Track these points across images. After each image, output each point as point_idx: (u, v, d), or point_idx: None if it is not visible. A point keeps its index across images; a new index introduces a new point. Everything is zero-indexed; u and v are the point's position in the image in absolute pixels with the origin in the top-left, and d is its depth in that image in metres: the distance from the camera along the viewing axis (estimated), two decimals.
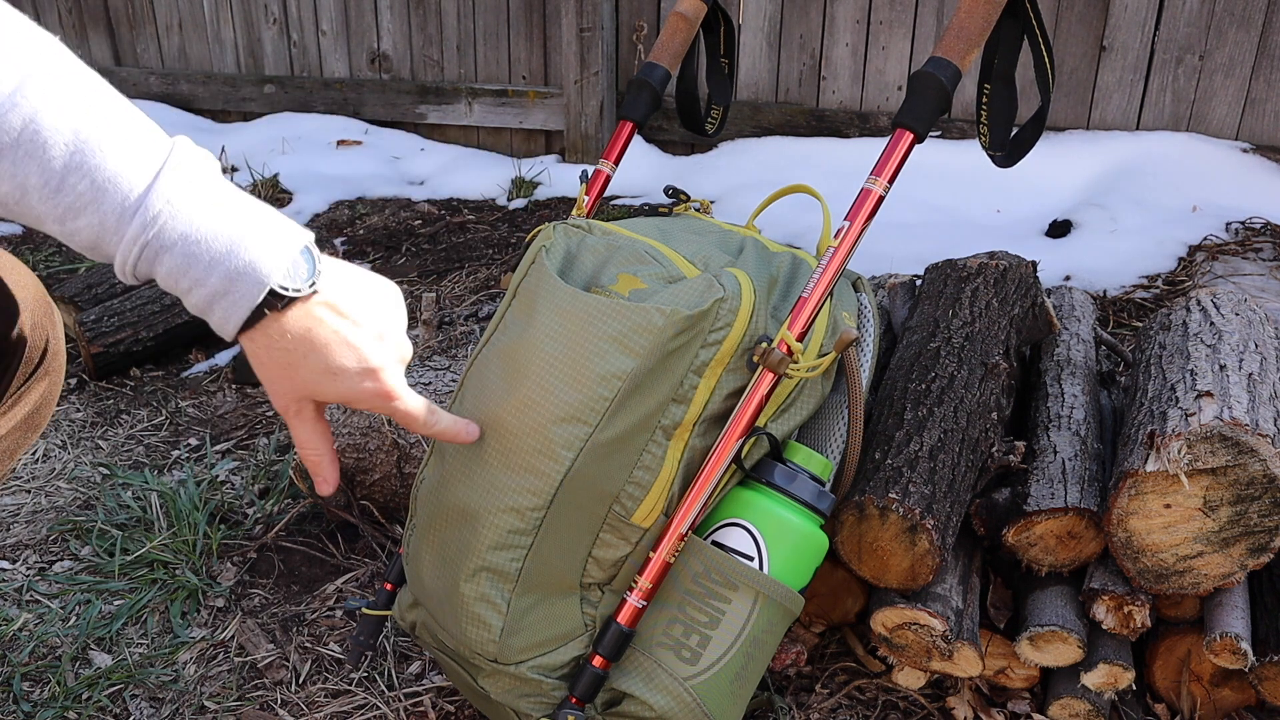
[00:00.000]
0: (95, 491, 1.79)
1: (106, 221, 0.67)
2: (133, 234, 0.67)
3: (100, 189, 0.66)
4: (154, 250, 0.68)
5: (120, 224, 0.67)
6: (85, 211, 0.66)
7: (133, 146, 0.67)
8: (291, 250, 0.71)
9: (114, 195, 0.66)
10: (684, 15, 1.31)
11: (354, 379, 0.76)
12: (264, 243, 0.70)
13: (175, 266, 0.69)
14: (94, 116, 0.66)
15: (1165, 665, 1.24)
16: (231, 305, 0.70)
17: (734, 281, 0.99)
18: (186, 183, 0.68)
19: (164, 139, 0.69)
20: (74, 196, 0.66)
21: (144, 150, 0.67)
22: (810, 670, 1.35)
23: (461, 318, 1.77)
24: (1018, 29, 1.09)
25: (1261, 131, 2.69)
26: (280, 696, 1.34)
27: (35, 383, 0.97)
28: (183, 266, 0.69)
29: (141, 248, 0.68)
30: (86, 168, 0.65)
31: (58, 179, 0.65)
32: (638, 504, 0.99)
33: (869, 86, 3.07)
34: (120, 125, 0.67)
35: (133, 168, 0.67)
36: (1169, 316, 1.39)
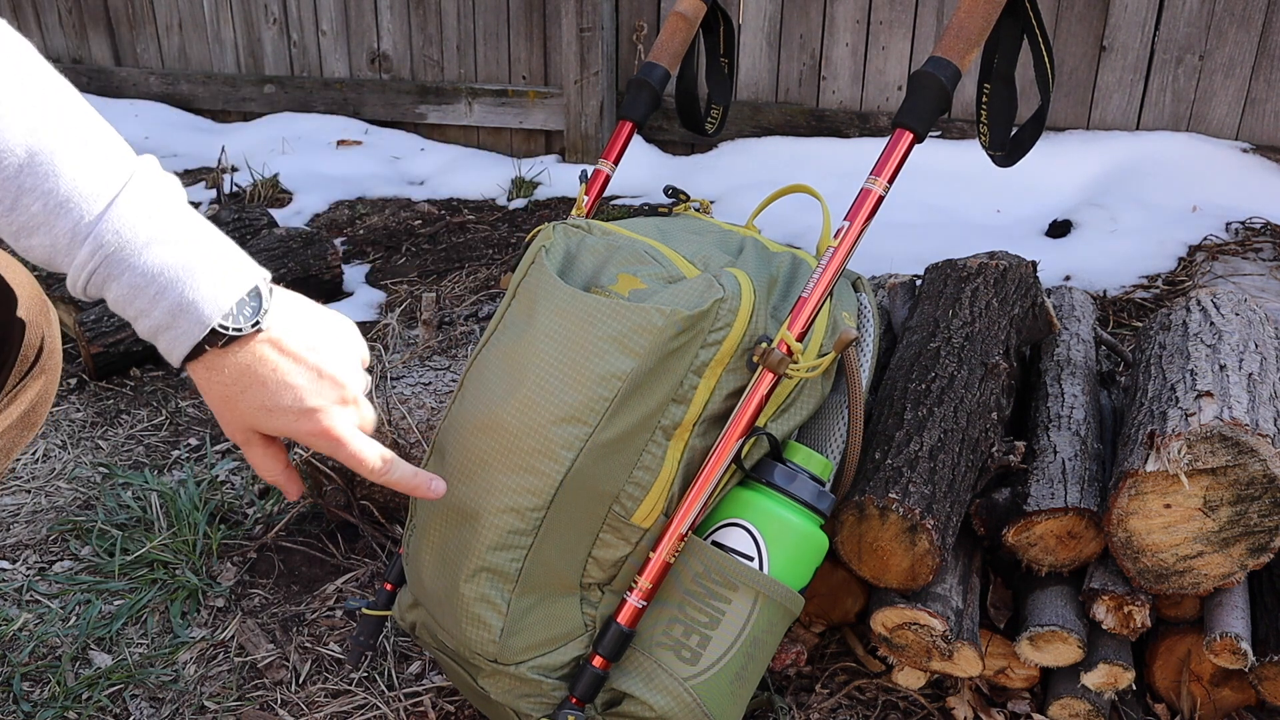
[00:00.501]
0: (95, 491, 1.79)
1: (58, 243, 0.67)
2: (82, 259, 0.68)
3: (52, 212, 0.66)
4: (102, 276, 0.69)
5: (71, 248, 0.67)
6: (37, 232, 0.67)
7: (89, 169, 0.67)
8: (238, 290, 0.72)
9: (65, 220, 0.67)
10: (684, 15, 1.31)
11: (291, 417, 0.76)
12: (210, 281, 0.70)
13: (122, 295, 0.70)
14: (51, 133, 0.66)
15: (1165, 665, 1.24)
16: (174, 339, 0.71)
17: (734, 281, 0.99)
18: (141, 213, 0.68)
19: (125, 161, 0.69)
20: (27, 216, 0.66)
21: (101, 174, 0.68)
22: (810, 670, 1.35)
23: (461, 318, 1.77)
24: (1017, 29, 1.09)
25: (1261, 131, 2.69)
26: (280, 696, 1.34)
27: (31, 380, 0.97)
28: (129, 296, 0.69)
29: (90, 272, 0.68)
30: (40, 190, 0.66)
31: (11, 198, 0.65)
32: (638, 504, 0.99)
33: (869, 86, 3.07)
34: (79, 143, 0.67)
35: (87, 192, 0.67)
36: (1169, 316, 1.39)
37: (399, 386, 1.57)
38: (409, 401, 1.55)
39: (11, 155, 0.65)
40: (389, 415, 1.55)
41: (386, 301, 2.58)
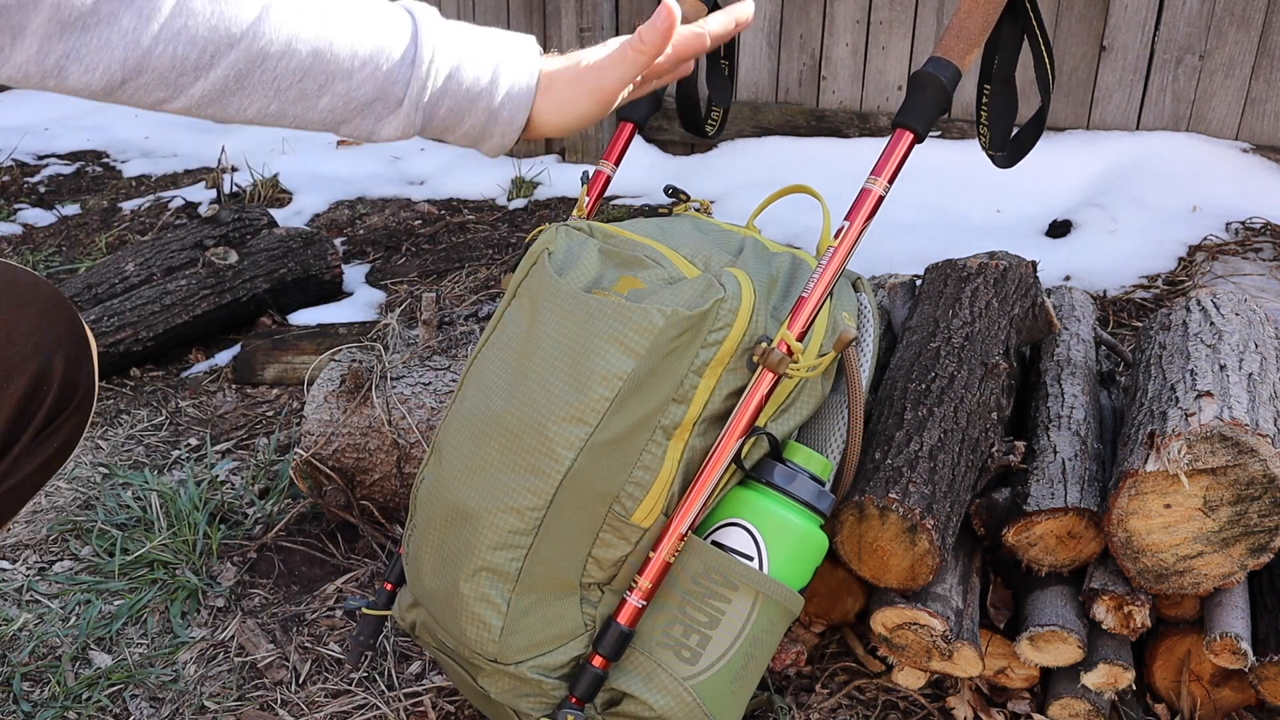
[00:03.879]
0: (95, 491, 1.79)
1: (390, 103, 0.81)
2: (408, 109, 0.81)
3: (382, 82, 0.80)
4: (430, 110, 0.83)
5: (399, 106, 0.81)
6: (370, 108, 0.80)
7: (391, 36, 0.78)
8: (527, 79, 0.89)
9: (394, 86, 0.80)
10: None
11: None
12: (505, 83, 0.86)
13: (449, 116, 0.85)
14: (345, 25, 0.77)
15: (1165, 665, 1.24)
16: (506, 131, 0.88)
17: (734, 282, 0.99)
18: (441, 57, 0.82)
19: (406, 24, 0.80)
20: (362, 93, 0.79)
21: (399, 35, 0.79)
22: (810, 670, 1.35)
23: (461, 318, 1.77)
24: (1018, 29, 1.09)
25: (1261, 131, 2.69)
26: (280, 696, 1.34)
27: (66, 420, 0.96)
28: (454, 114, 0.86)
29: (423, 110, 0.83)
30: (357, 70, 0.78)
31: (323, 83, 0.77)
32: (637, 504, 0.99)
33: (869, 86, 3.07)
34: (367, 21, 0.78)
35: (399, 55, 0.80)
36: (1169, 316, 1.39)
37: (399, 386, 1.58)
38: (409, 401, 1.55)
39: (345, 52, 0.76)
40: (389, 415, 1.55)
41: (386, 301, 2.58)
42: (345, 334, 2.23)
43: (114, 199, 3.33)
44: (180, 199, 3.23)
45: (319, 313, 2.51)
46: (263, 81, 0.72)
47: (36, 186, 3.44)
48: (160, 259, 2.38)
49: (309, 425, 1.58)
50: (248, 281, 2.41)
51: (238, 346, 2.31)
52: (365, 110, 0.78)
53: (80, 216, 3.20)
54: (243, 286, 2.40)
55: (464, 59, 0.81)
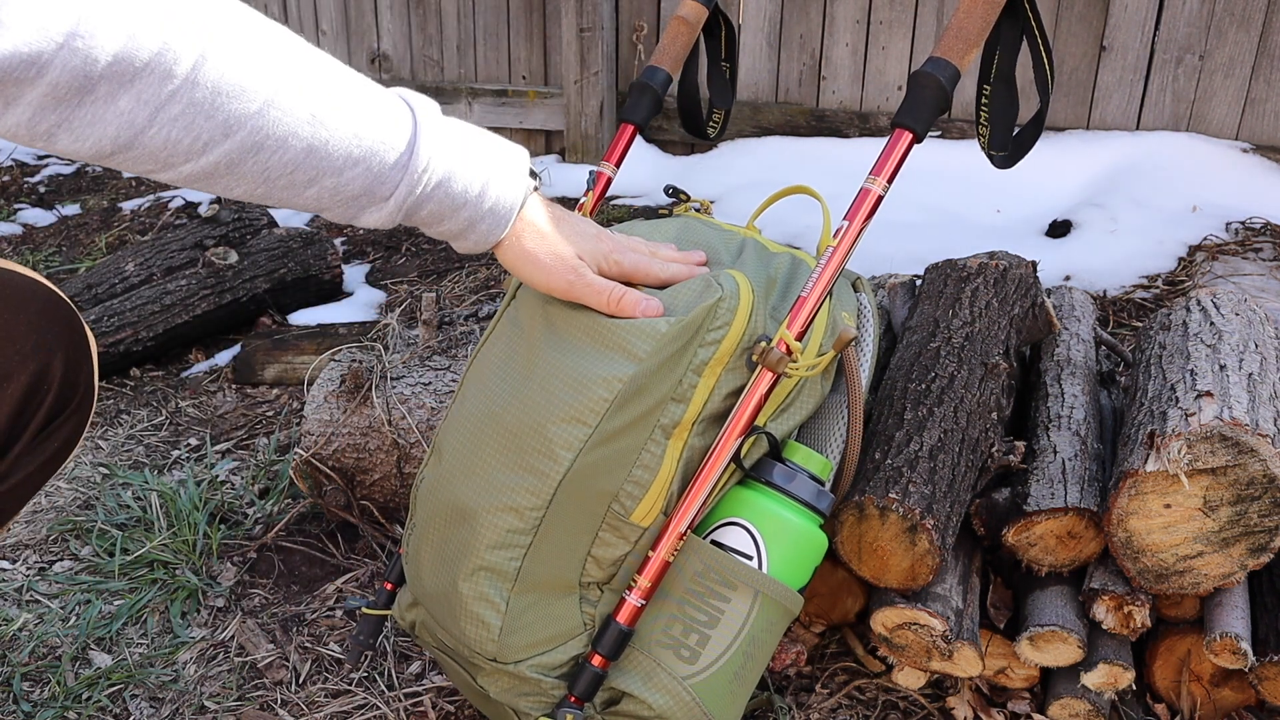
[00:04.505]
0: (95, 491, 1.79)
1: (378, 197, 0.82)
2: (395, 203, 0.82)
3: (373, 178, 0.81)
4: (413, 208, 0.84)
5: (387, 200, 0.82)
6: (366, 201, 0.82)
7: (385, 127, 0.79)
8: (517, 192, 0.91)
9: (385, 182, 0.82)
10: (685, 19, 1.31)
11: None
12: (494, 194, 0.89)
13: (430, 216, 0.87)
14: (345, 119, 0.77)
15: (1165, 665, 1.24)
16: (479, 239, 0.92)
17: (732, 282, 0.99)
18: (438, 152, 0.84)
19: (407, 117, 0.81)
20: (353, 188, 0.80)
21: (396, 129, 0.80)
22: (810, 670, 1.35)
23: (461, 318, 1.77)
24: (1017, 29, 1.09)
25: (1261, 131, 2.69)
26: (280, 696, 1.35)
27: (66, 420, 0.96)
28: (435, 217, 0.88)
29: (404, 210, 0.84)
30: (353, 165, 0.79)
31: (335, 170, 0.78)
32: (637, 503, 0.99)
33: (869, 86, 3.07)
34: (370, 112, 0.79)
35: (392, 151, 0.81)
36: (1169, 316, 1.39)
37: (399, 386, 1.58)
38: (409, 401, 1.55)
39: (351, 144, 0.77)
40: (389, 415, 1.55)
41: (386, 301, 2.58)
42: (345, 334, 2.23)
43: (114, 199, 3.33)
44: (180, 199, 3.23)
45: (319, 313, 2.51)
46: (253, 170, 0.73)
47: (36, 186, 3.44)
48: (160, 259, 2.38)
49: (309, 425, 1.58)
50: (248, 281, 2.41)
51: (238, 346, 2.31)
52: (351, 202, 0.79)
53: (80, 216, 3.20)
54: (243, 286, 2.40)
55: (456, 170, 0.83)
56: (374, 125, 0.77)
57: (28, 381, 0.91)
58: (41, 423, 0.94)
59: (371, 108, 0.78)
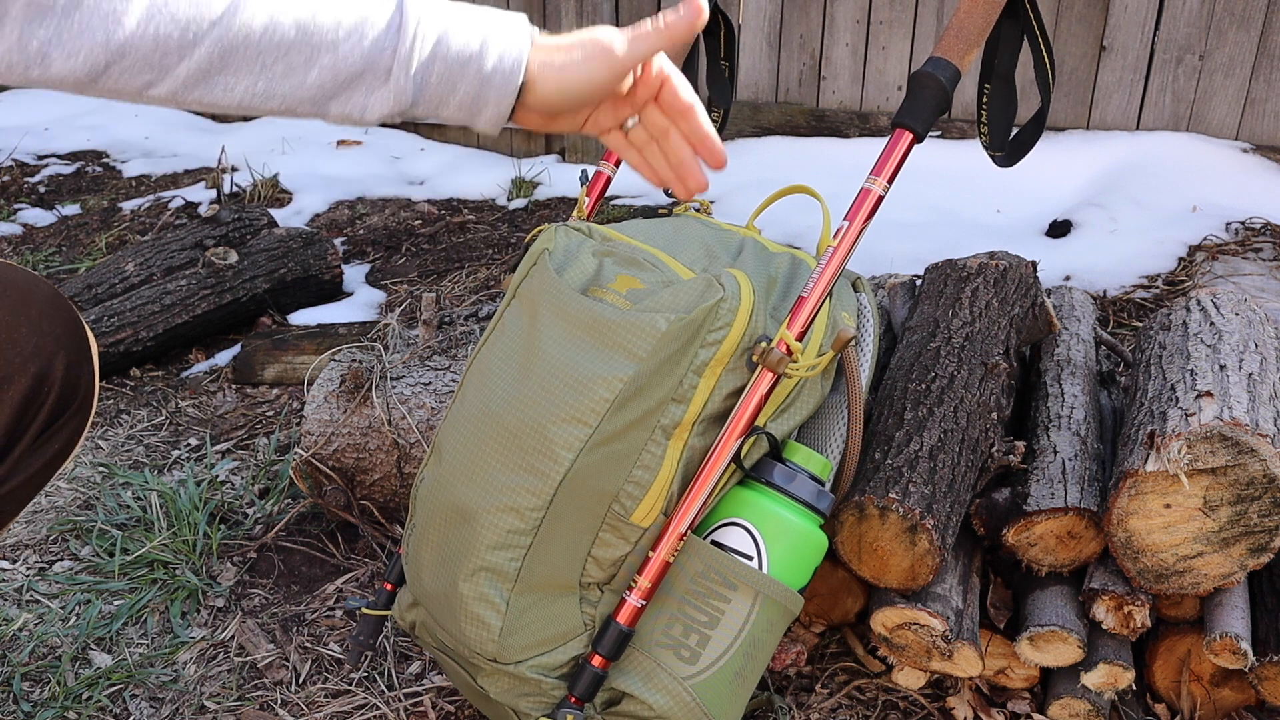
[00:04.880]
0: (95, 491, 1.79)
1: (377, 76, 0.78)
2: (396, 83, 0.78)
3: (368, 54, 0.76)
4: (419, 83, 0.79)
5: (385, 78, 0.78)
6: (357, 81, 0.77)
7: None
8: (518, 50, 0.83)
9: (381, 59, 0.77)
10: None
11: None
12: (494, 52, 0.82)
13: (438, 89, 0.81)
14: None
15: (1165, 665, 1.24)
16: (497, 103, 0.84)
17: (733, 282, 0.99)
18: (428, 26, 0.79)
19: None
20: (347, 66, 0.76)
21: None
22: (810, 670, 1.35)
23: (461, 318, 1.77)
24: (1017, 29, 1.09)
25: (1261, 131, 2.69)
26: (280, 696, 1.34)
27: (67, 421, 0.96)
28: (443, 85, 0.81)
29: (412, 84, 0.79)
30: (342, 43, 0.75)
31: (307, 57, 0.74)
32: (637, 503, 0.99)
33: (869, 86, 3.07)
34: None
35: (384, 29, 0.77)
36: (1169, 316, 1.39)
37: (399, 386, 1.58)
38: (409, 401, 1.55)
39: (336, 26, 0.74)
40: (389, 415, 1.55)
41: (386, 301, 2.58)
42: (345, 334, 2.23)
43: (114, 199, 3.33)
44: (180, 199, 3.23)
45: (319, 313, 2.51)
46: (247, 58, 0.72)
47: (36, 186, 3.44)
48: (160, 259, 2.38)
49: (309, 425, 1.58)
50: (248, 281, 2.41)
51: (238, 346, 2.31)
52: (354, 83, 0.76)
53: (80, 216, 3.20)
54: (243, 286, 2.40)
55: (451, 26, 0.79)
56: None
57: (29, 383, 0.90)
58: (42, 424, 0.93)
59: None
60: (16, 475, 0.94)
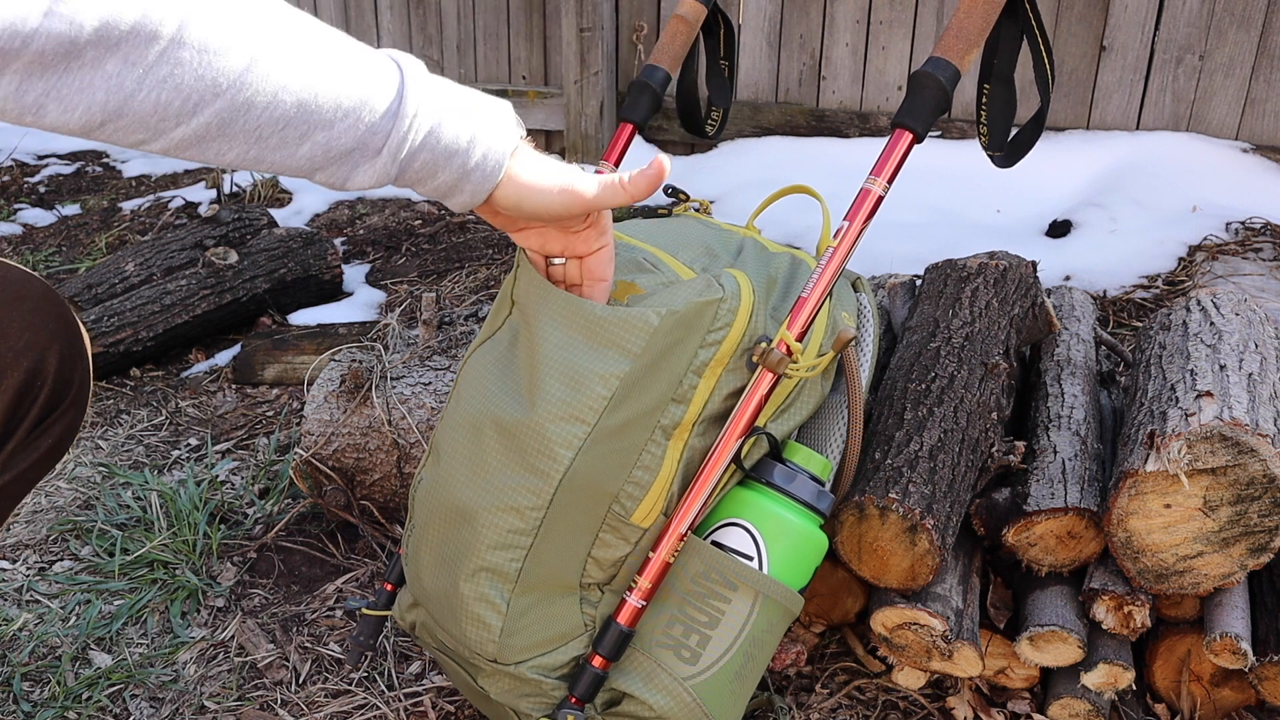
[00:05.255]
0: (95, 491, 1.79)
1: (367, 154, 0.80)
2: (384, 162, 0.81)
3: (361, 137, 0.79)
4: (404, 164, 0.82)
5: (376, 158, 0.80)
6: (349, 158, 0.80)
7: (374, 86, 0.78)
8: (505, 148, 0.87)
9: (373, 139, 0.80)
10: (684, 18, 1.31)
11: None
12: (482, 148, 0.86)
13: (421, 171, 0.84)
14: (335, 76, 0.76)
15: (1165, 665, 1.24)
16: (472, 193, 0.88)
17: (733, 282, 0.99)
18: (425, 109, 0.82)
19: (393, 75, 0.80)
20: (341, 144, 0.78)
21: (385, 88, 0.79)
22: (810, 670, 1.35)
23: (461, 318, 1.77)
24: (1017, 29, 1.09)
25: (1261, 131, 2.69)
26: (280, 696, 1.35)
27: (61, 417, 0.96)
28: (426, 171, 0.85)
29: (396, 166, 0.81)
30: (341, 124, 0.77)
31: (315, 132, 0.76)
32: (637, 504, 0.99)
33: (869, 86, 3.07)
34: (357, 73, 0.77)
35: (379, 109, 0.79)
36: (1169, 316, 1.39)
37: (399, 386, 1.58)
38: (409, 401, 1.55)
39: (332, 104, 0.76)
40: (389, 415, 1.55)
41: (386, 301, 2.58)
42: (345, 334, 2.23)
43: (114, 199, 3.33)
44: (180, 199, 3.23)
45: (319, 313, 2.51)
46: (245, 130, 0.73)
47: (36, 186, 3.44)
48: (160, 259, 2.38)
49: (309, 425, 1.58)
50: (248, 281, 2.41)
51: (238, 346, 2.31)
52: (343, 159, 0.79)
53: (80, 216, 3.20)
54: (243, 286, 2.40)
55: (445, 119, 0.82)
56: (362, 78, 0.77)
57: (22, 377, 0.91)
58: (36, 419, 0.94)
59: (358, 62, 0.78)
60: (10, 470, 0.94)
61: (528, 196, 0.88)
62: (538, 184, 0.88)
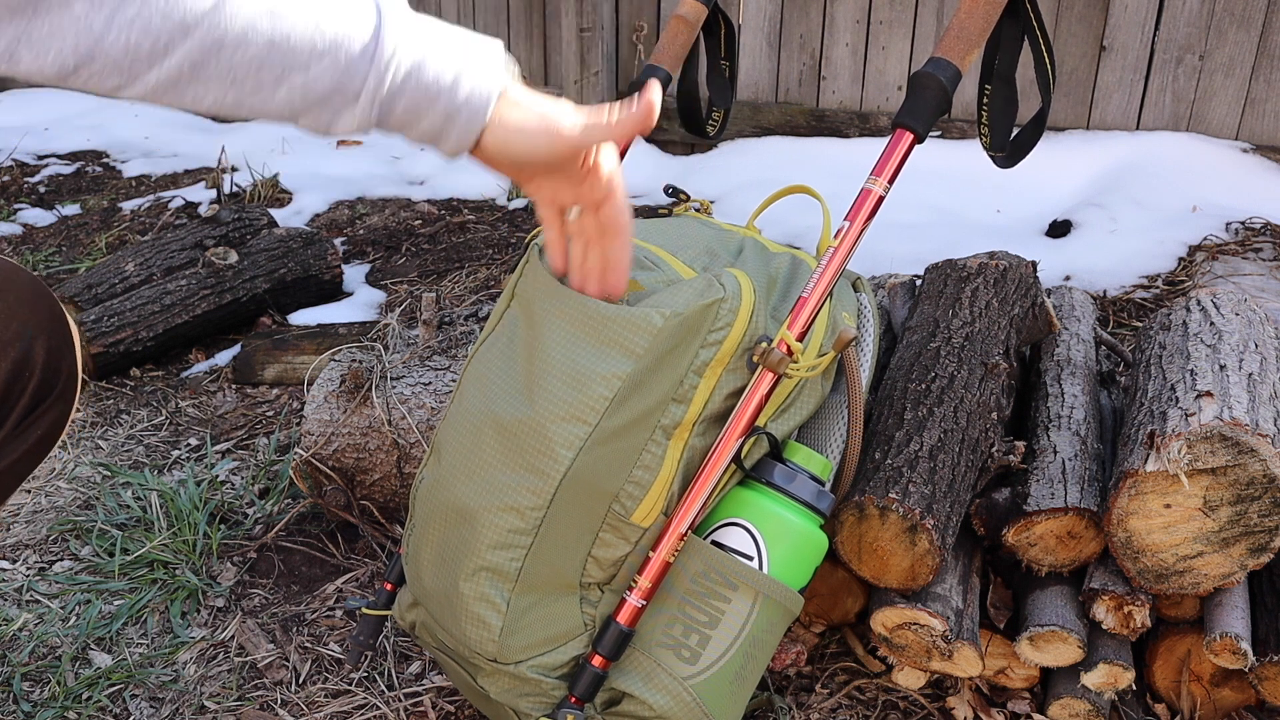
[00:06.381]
0: (95, 491, 1.79)
1: (346, 95, 0.78)
2: (365, 101, 0.79)
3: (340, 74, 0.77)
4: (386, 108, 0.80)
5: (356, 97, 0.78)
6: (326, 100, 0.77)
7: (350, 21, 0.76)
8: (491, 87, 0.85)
9: (351, 79, 0.78)
10: (684, 18, 1.31)
11: None
12: (468, 84, 0.83)
13: (406, 114, 0.82)
14: None
15: (1165, 665, 1.24)
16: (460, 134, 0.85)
17: (734, 282, 0.99)
18: (405, 44, 0.80)
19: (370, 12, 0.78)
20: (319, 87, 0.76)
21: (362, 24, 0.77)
22: (810, 670, 1.35)
23: (461, 318, 1.77)
24: (1018, 29, 1.09)
25: (1261, 131, 2.69)
26: (280, 696, 1.34)
27: (49, 408, 0.96)
28: (411, 112, 0.82)
29: (378, 106, 0.79)
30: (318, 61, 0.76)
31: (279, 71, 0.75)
32: (637, 503, 0.99)
33: (869, 86, 3.07)
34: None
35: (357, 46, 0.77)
36: (1169, 316, 1.39)
37: (399, 386, 1.58)
38: (409, 401, 1.56)
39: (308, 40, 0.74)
40: (389, 415, 1.55)
41: (386, 301, 2.58)
42: (345, 334, 2.23)
43: (114, 199, 3.33)
44: (180, 199, 3.23)
45: (319, 313, 2.51)
46: (218, 72, 0.72)
47: (36, 186, 3.44)
48: (160, 259, 2.38)
49: (309, 425, 1.58)
50: (248, 281, 2.41)
51: (238, 346, 2.31)
52: (323, 102, 0.77)
53: (80, 216, 3.20)
54: (243, 286, 2.40)
55: (427, 57, 0.80)
56: (337, 16, 0.76)
57: (9, 367, 0.91)
58: (24, 410, 0.94)
59: (334, 2, 0.77)
60: (0, 461, 0.94)
61: (513, 140, 0.84)
62: (522, 126, 0.84)
